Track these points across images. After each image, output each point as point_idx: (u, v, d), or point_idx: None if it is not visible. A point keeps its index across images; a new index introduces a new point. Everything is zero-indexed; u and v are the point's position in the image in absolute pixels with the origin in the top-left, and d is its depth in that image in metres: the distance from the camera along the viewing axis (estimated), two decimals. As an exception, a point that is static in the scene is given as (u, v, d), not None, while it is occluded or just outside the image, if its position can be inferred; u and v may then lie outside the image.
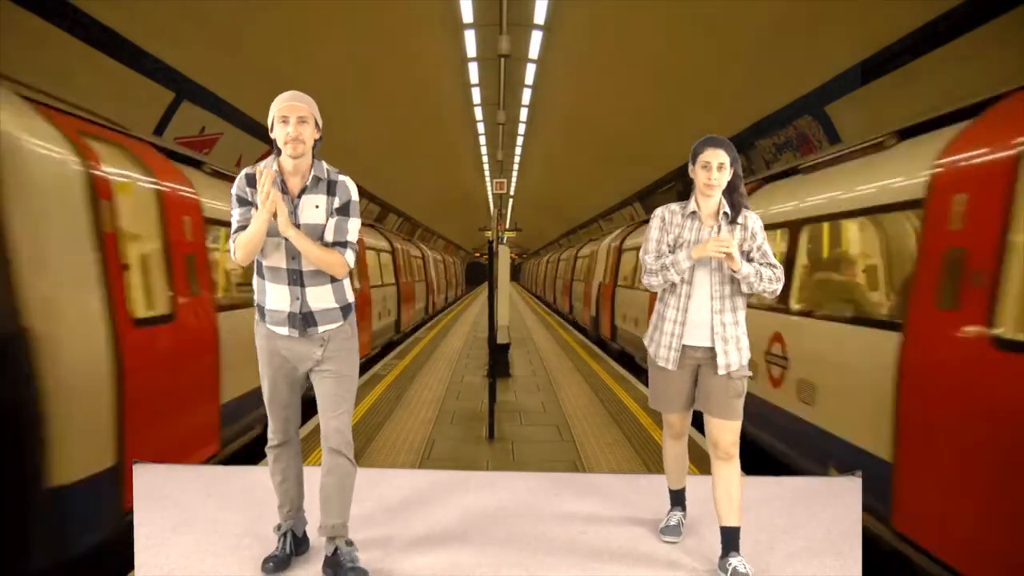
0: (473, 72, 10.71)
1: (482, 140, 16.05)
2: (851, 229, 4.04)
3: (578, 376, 7.98)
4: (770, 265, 2.21)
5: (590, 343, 11.84)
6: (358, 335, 2.22)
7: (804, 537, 2.38)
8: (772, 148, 8.39)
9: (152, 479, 2.70)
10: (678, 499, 2.48)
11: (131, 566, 2.21)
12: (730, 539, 2.17)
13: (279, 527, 2.22)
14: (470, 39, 9.25)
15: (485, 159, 18.39)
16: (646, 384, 2.50)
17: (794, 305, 4.22)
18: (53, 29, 5.03)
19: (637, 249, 9.08)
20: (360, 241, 6.92)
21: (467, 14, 8.43)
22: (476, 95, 12.02)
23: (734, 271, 2.14)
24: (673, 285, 2.23)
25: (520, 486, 2.89)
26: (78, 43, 5.30)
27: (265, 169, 1.96)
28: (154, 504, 2.49)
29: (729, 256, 2.10)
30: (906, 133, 3.65)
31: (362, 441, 4.89)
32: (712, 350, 2.19)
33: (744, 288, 2.19)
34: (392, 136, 12.87)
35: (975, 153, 2.75)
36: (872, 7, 5.50)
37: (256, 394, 2.37)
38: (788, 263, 4.20)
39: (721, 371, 2.18)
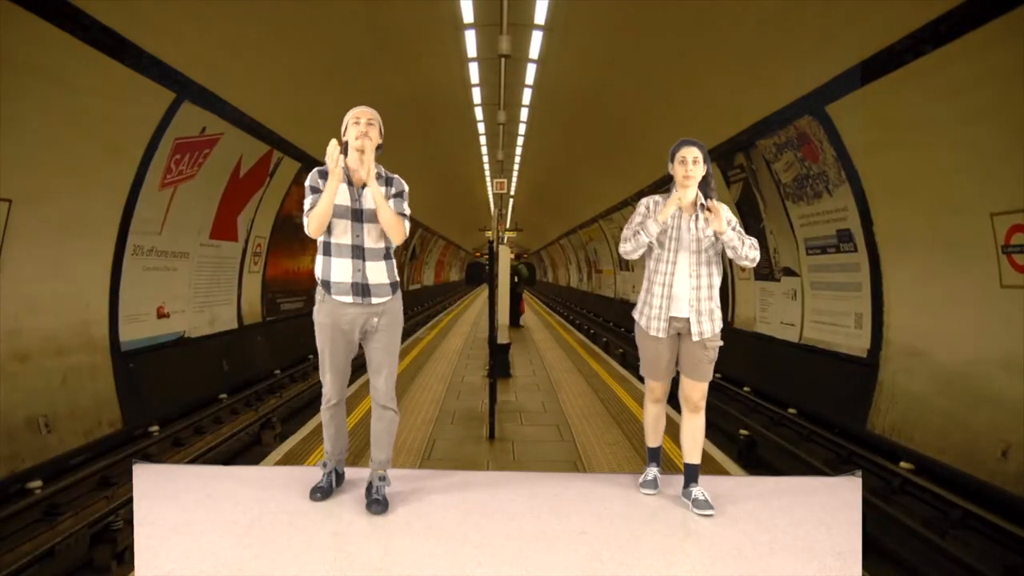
0: (473, 72, 10.71)
1: (482, 140, 16.05)
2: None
3: (578, 376, 7.97)
4: (748, 238, 2.58)
5: (591, 343, 11.83)
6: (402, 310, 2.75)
7: (804, 537, 2.38)
8: (773, 148, 8.38)
9: (152, 479, 2.70)
10: (655, 456, 2.83)
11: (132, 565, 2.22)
12: (691, 473, 2.65)
13: (325, 464, 2.68)
14: (470, 39, 9.25)
15: (485, 159, 18.39)
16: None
17: None
18: (53, 29, 5.03)
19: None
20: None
21: (467, 14, 8.42)
22: (476, 95, 12.01)
23: (719, 234, 2.52)
24: (659, 264, 2.62)
25: (520, 486, 2.88)
26: (78, 43, 5.30)
27: (333, 142, 2.41)
28: (154, 504, 2.49)
29: (716, 218, 2.49)
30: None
31: (363, 441, 4.89)
32: (689, 320, 2.59)
33: (729, 253, 2.55)
34: (392, 136, 12.80)
35: None
36: (872, 7, 5.49)
37: None
38: None
39: (695, 338, 2.58)
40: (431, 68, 10.37)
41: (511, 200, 24.10)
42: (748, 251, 2.55)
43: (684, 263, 2.60)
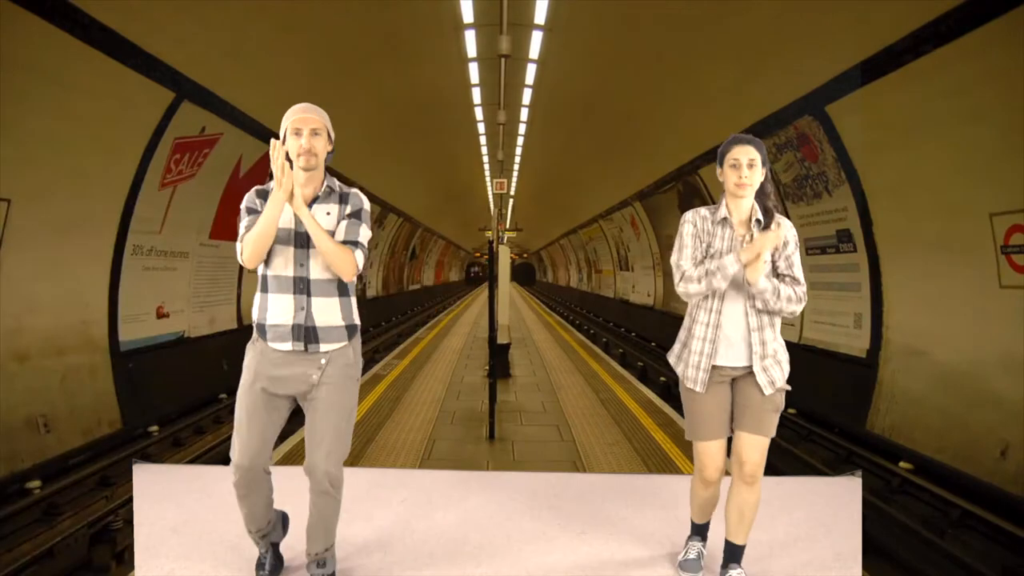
0: (473, 72, 10.70)
1: (482, 140, 16.04)
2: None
3: (578, 376, 7.97)
4: (794, 280, 2.02)
5: (591, 343, 11.84)
6: (361, 363, 2.09)
7: (804, 537, 2.38)
8: (773, 148, 8.39)
9: (152, 479, 2.70)
10: (700, 531, 2.26)
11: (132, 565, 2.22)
12: (733, 553, 2.11)
13: (256, 543, 2.13)
14: (470, 39, 9.25)
15: (485, 159, 18.38)
16: (647, 384, 2.57)
17: None
18: (53, 29, 5.03)
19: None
20: None
21: (467, 14, 8.42)
22: (476, 95, 12.01)
23: (749, 283, 1.95)
24: (704, 299, 2.03)
25: (520, 486, 2.89)
26: (78, 43, 5.30)
27: (277, 144, 1.88)
28: (154, 504, 2.49)
29: (756, 258, 1.93)
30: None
31: (362, 441, 4.89)
32: (750, 368, 2.01)
33: (758, 304, 1.99)
34: (392, 136, 12.85)
35: None
36: (872, 7, 5.49)
37: None
38: None
39: (767, 390, 2.00)
40: (431, 68, 10.36)
41: (511, 200, 24.10)
42: (783, 304, 1.98)
43: (738, 297, 2.00)
